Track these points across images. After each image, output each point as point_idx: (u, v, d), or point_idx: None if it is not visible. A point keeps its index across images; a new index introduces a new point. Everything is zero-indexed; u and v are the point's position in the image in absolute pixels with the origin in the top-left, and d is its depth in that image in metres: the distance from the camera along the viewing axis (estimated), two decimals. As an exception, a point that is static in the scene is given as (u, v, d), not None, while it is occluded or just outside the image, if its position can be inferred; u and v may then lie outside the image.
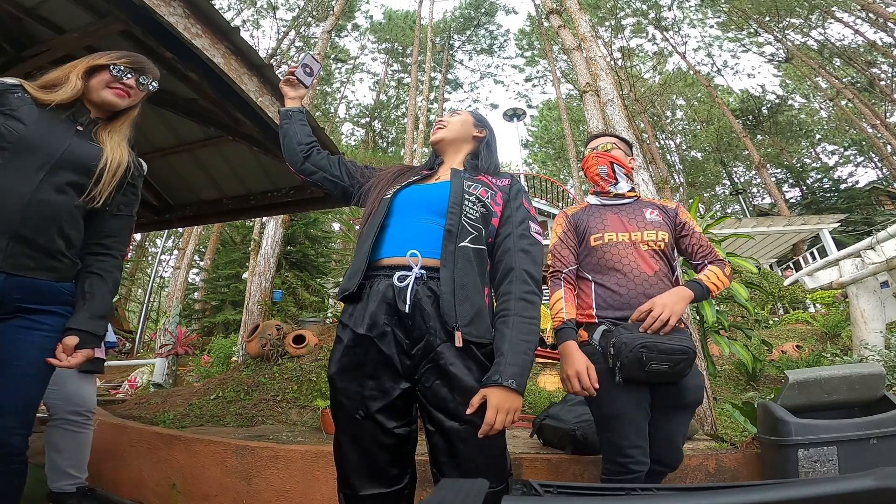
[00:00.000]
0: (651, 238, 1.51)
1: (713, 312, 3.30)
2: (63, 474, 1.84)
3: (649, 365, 1.30)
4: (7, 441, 1.09)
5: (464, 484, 0.43)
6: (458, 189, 1.22)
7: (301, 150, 1.41)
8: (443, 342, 1.08)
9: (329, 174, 1.39)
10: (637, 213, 1.58)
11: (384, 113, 25.76)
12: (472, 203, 1.21)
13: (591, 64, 4.44)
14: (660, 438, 1.44)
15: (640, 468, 1.36)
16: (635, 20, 20.89)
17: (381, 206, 1.24)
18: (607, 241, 1.53)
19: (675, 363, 1.32)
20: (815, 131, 21.67)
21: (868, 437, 1.67)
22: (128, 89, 1.30)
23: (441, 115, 1.55)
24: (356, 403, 1.08)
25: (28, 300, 1.14)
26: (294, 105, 1.49)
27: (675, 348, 1.31)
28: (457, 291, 1.09)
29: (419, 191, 1.28)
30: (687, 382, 1.41)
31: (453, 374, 1.05)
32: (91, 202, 1.21)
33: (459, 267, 1.12)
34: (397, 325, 1.10)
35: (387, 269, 1.15)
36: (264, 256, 6.49)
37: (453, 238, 1.14)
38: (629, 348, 1.30)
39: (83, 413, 1.91)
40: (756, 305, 7.27)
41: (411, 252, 1.13)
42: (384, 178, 1.36)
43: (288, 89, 1.49)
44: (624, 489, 0.52)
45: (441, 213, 1.19)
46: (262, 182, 3.56)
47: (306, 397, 3.30)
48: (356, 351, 1.11)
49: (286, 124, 1.46)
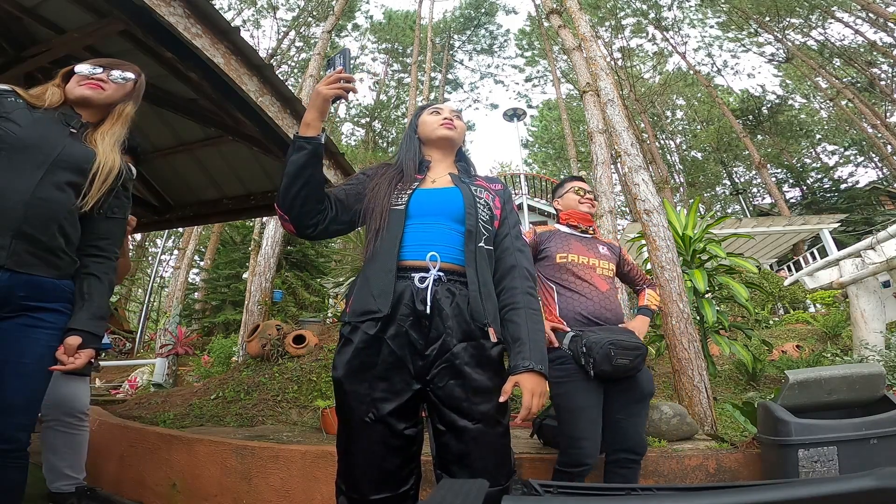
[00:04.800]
0: (605, 266, 1.92)
1: (713, 312, 3.30)
2: (61, 475, 1.84)
3: (615, 360, 1.59)
4: (16, 437, 1.12)
5: (464, 484, 0.43)
6: (469, 193, 1.25)
7: (313, 223, 1.18)
8: (458, 342, 1.09)
9: (334, 231, 1.24)
10: (593, 247, 1.96)
11: (384, 113, 25.75)
12: (482, 206, 1.25)
13: (592, 64, 4.44)
14: (629, 430, 1.69)
15: (588, 460, 1.60)
16: (635, 20, 20.88)
17: (396, 218, 1.19)
18: (570, 261, 1.87)
19: (634, 357, 1.64)
20: (815, 131, 21.67)
21: (868, 437, 1.67)
22: (99, 82, 1.31)
23: (442, 105, 1.44)
24: (366, 406, 1.07)
25: (31, 297, 1.16)
26: (320, 130, 1.13)
27: (635, 345, 1.65)
28: (482, 289, 1.13)
29: (431, 196, 1.24)
30: (641, 376, 1.73)
31: (468, 374, 1.07)
32: (83, 206, 1.22)
33: (481, 266, 1.16)
34: (413, 325, 1.10)
35: (406, 270, 1.15)
36: (264, 256, 6.49)
37: (473, 238, 1.18)
38: (599, 346, 1.60)
39: (76, 415, 1.89)
40: (756, 305, 7.27)
41: (431, 254, 1.15)
42: (379, 187, 1.25)
43: (327, 105, 1.13)
44: (624, 489, 0.52)
45: (457, 219, 1.21)
46: (262, 182, 3.57)
47: (306, 397, 3.30)
48: (367, 353, 1.09)
49: (311, 164, 1.11)
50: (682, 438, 2.34)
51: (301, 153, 1.10)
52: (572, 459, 1.62)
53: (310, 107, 1.13)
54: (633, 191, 3.41)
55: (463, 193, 1.24)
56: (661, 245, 3.14)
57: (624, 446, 1.69)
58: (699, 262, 3.65)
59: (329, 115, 1.20)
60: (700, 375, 2.79)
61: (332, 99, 1.13)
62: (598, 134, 5.25)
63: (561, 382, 1.69)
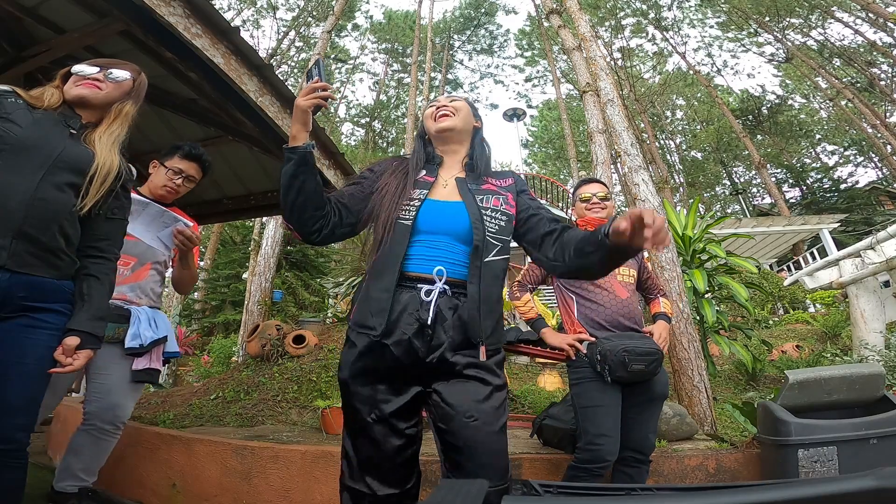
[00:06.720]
0: (625, 273, 1.91)
1: (713, 312, 3.30)
2: (72, 476, 1.81)
3: (631, 365, 1.62)
4: (15, 437, 1.13)
5: (464, 484, 0.43)
6: (474, 208, 1.22)
7: (316, 229, 1.18)
8: (457, 352, 1.12)
9: (340, 235, 1.24)
10: None
11: (384, 113, 25.75)
12: (490, 216, 1.22)
13: (591, 64, 4.44)
14: (635, 429, 1.73)
15: (609, 457, 1.62)
16: (635, 20, 20.88)
17: (401, 231, 1.18)
18: None
19: (650, 363, 1.66)
20: (815, 131, 21.67)
21: (868, 437, 1.67)
22: (95, 82, 1.31)
23: (439, 98, 1.40)
24: (369, 407, 1.12)
25: (32, 298, 1.15)
26: (306, 140, 1.15)
27: (649, 350, 1.68)
28: (482, 307, 1.14)
29: (438, 212, 1.23)
30: (657, 379, 1.74)
31: (468, 376, 1.12)
32: (81, 207, 1.22)
33: (486, 282, 1.16)
34: (416, 334, 1.12)
35: (411, 280, 1.16)
36: (264, 256, 6.49)
37: (479, 255, 1.17)
38: (613, 353, 1.64)
39: (117, 423, 1.83)
40: (756, 305, 7.27)
41: (438, 269, 1.16)
42: (387, 189, 1.24)
43: (307, 116, 1.15)
44: (624, 489, 0.52)
45: (463, 239, 1.20)
46: (262, 182, 3.57)
47: (306, 397, 3.30)
48: (371, 356, 1.13)
49: (301, 172, 1.12)
50: (682, 438, 2.34)
51: (289, 164, 1.13)
52: (593, 456, 1.63)
53: (293, 120, 1.16)
54: (633, 191, 3.41)
55: (468, 209, 1.21)
56: (661, 245, 3.14)
57: (630, 445, 1.71)
58: (699, 262, 3.65)
59: (329, 115, 1.20)
60: (700, 375, 2.79)
61: (311, 109, 1.14)
62: (597, 134, 5.25)
63: (580, 382, 1.75)
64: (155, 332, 1.86)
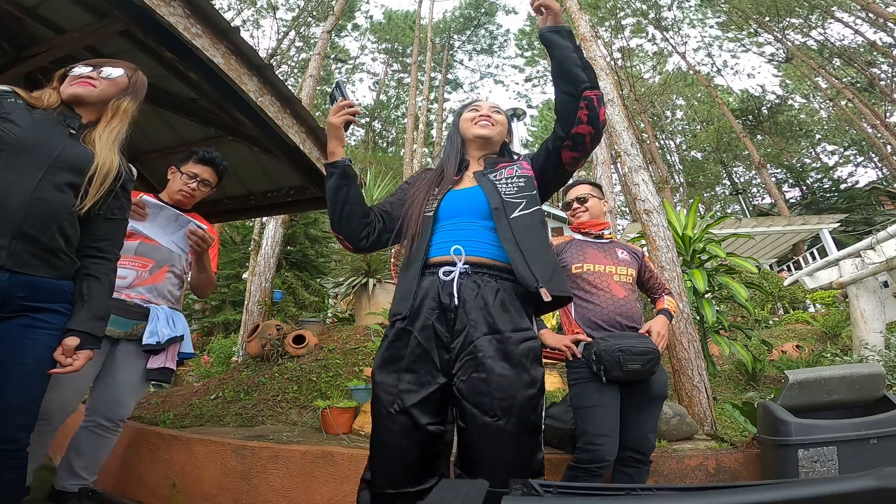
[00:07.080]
0: (622, 272, 1.90)
1: (713, 312, 3.30)
2: (73, 475, 1.81)
3: (626, 365, 1.62)
4: (15, 437, 1.13)
5: (464, 484, 0.43)
6: (489, 184, 1.28)
7: (364, 235, 1.30)
8: (482, 335, 1.10)
9: (386, 240, 1.34)
10: (611, 252, 1.94)
11: (384, 113, 25.77)
12: (506, 182, 1.27)
13: (591, 64, 4.43)
14: (634, 429, 1.72)
15: (608, 457, 1.61)
16: (635, 20, 20.88)
17: (426, 223, 1.25)
18: (586, 270, 1.87)
19: (646, 362, 1.65)
20: (815, 131, 21.68)
21: (868, 437, 1.67)
22: (89, 80, 1.31)
23: (481, 102, 1.46)
24: (392, 397, 1.12)
25: (31, 298, 1.15)
26: (343, 155, 1.29)
27: (645, 349, 1.66)
28: (526, 255, 1.14)
29: (458, 197, 1.30)
30: (655, 379, 1.73)
31: (490, 367, 1.07)
32: (81, 207, 1.22)
33: (520, 235, 1.17)
34: (439, 318, 1.14)
35: (432, 266, 1.20)
36: (264, 256, 6.48)
37: (502, 215, 1.21)
38: (609, 353, 1.63)
39: (116, 421, 1.84)
40: (756, 305, 7.26)
41: (455, 248, 1.18)
42: (417, 194, 1.33)
43: (340, 132, 1.28)
44: (624, 489, 0.52)
45: (483, 215, 1.24)
46: (262, 182, 3.56)
47: (306, 397, 3.29)
48: (397, 345, 1.16)
49: (345, 184, 1.26)
50: (682, 438, 2.34)
51: (332, 178, 1.26)
52: (592, 456, 1.63)
53: (329, 138, 1.28)
54: (633, 191, 3.41)
55: (483, 188, 1.27)
56: (660, 245, 3.14)
57: (629, 445, 1.72)
58: (699, 262, 3.65)
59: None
60: (700, 375, 2.79)
61: (343, 126, 1.27)
62: (597, 134, 5.23)
63: (579, 383, 1.76)
64: (172, 330, 1.89)
